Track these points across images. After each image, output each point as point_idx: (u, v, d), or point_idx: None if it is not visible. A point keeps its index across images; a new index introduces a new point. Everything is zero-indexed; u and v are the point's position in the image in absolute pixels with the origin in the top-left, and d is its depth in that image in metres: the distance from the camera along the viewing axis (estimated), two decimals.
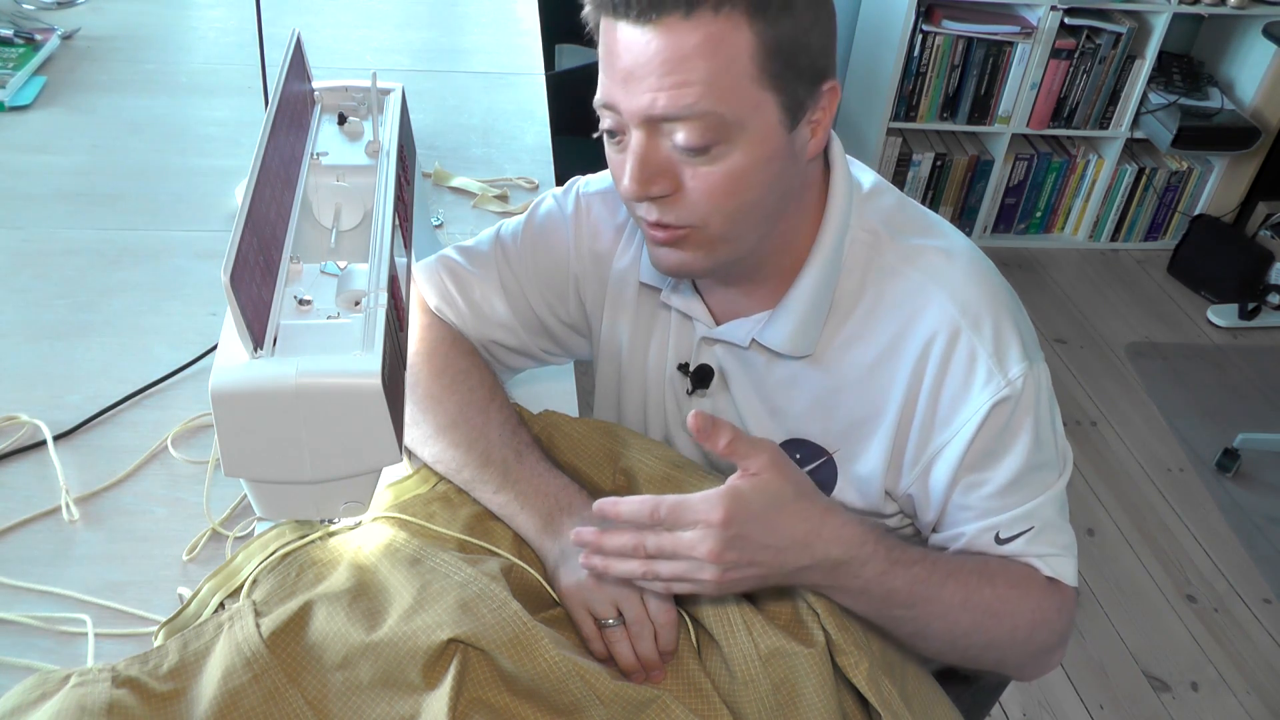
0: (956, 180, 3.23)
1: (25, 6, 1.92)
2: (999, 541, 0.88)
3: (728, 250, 0.85)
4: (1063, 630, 0.90)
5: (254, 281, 0.66)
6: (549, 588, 0.87)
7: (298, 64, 0.89)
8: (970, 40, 2.99)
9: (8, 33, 1.75)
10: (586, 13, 0.80)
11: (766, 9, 0.75)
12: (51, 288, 1.25)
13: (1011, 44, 2.99)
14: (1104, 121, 3.17)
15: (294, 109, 0.86)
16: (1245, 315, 3.06)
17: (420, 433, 0.96)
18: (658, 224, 0.84)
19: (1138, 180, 3.28)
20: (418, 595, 0.81)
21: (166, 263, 1.32)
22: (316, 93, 0.96)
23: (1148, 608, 2.18)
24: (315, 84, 0.96)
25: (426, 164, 1.55)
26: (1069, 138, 3.28)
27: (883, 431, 0.90)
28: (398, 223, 0.83)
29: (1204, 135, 3.05)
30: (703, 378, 0.99)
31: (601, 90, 0.81)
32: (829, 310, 0.90)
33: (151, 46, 1.87)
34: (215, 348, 0.83)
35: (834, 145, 0.90)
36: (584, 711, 0.77)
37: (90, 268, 1.29)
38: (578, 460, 0.98)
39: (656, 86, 0.76)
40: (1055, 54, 3.01)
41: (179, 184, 1.48)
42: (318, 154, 0.88)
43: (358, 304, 0.73)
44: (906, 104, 3.09)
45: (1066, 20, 2.95)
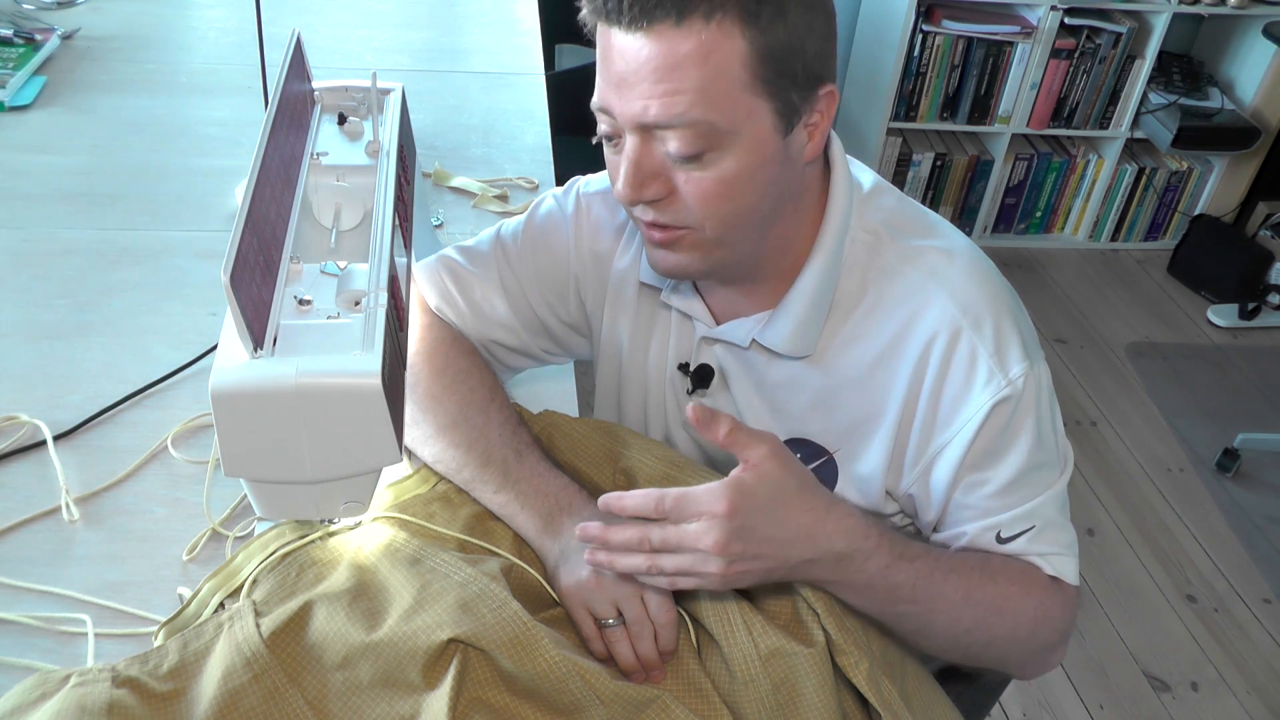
0: (956, 180, 3.23)
1: (25, 6, 1.92)
2: (1000, 541, 0.88)
3: (724, 253, 0.86)
4: (1064, 629, 0.90)
5: (254, 281, 0.66)
6: (549, 588, 0.87)
7: (298, 64, 0.89)
8: (970, 40, 2.99)
9: (8, 33, 1.75)
10: (583, 16, 0.80)
11: (759, 16, 0.75)
12: (51, 288, 1.25)
13: (1011, 44, 2.99)
14: (1104, 121, 3.17)
15: (294, 109, 0.86)
16: (1245, 315, 3.06)
17: (420, 433, 0.96)
18: (654, 225, 0.84)
19: (1138, 180, 3.28)
20: (418, 595, 0.81)
21: (166, 263, 1.32)
22: (316, 93, 0.96)
23: (1148, 608, 2.18)
24: (315, 84, 0.96)
25: (426, 164, 1.55)
26: (1069, 138, 3.28)
27: (883, 431, 0.90)
28: (398, 223, 0.83)
29: (1204, 135, 3.05)
30: (703, 377, 0.99)
31: (597, 94, 0.81)
32: (829, 310, 0.90)
33: (151, 46, 1.87)
34: (215, 348, 0.83)
35: (834, 146, 0.90)
36: (584, 711, 0.77)
37: (90, 268, 1.29)
38: (578, 460, 0.98)
39: (649, 94, 0.76)
40: (1055, 54, 3.01)
41: (179, 184, 1.48)
42: (318, 154, 0.88)
43: (358, 304, 0.73)
44: (906, 104, 3.09)
45: (1066, 20, 2.95)
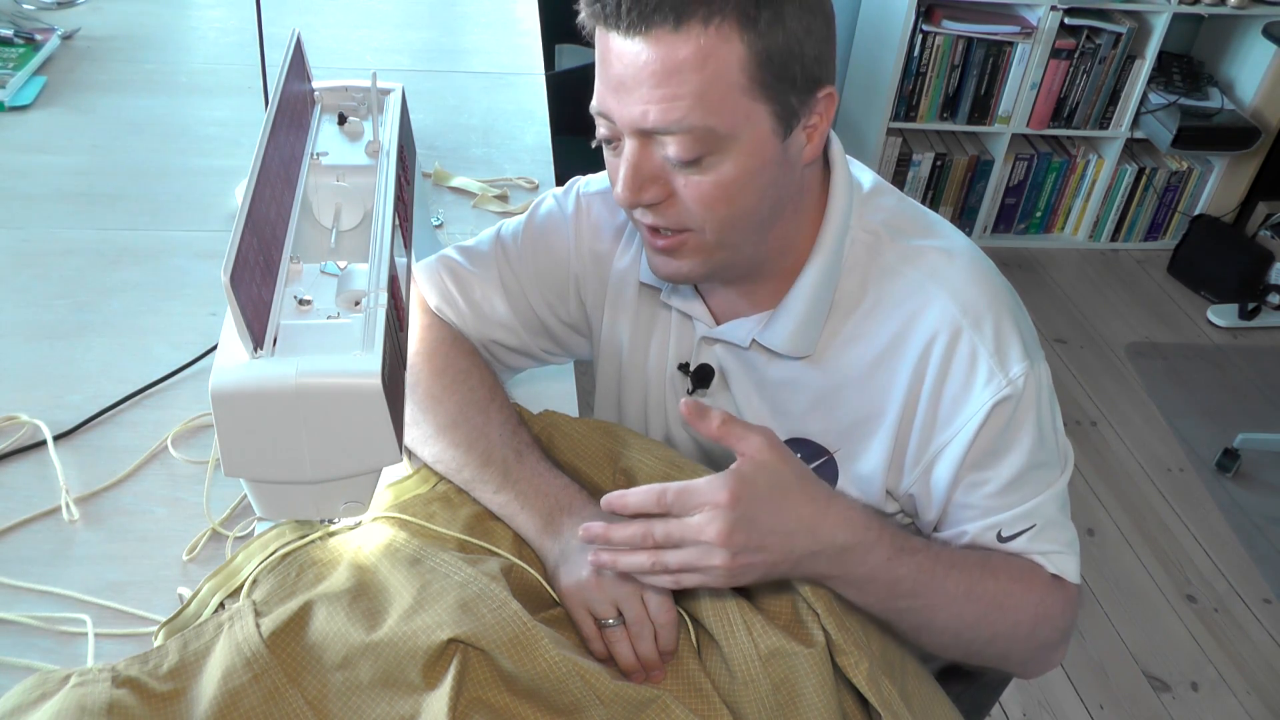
0: (956, 180, 3.22)
1: (25, 6, 1.92)
2: (1001, 540, 0.88)
3: (724, 256, 0.86)
4: (1065, 627, 0.90)
5: (254, 281, 0.66)
6: (549, 588, 0.87)
7: (298, 64, 0.89)
8: (970, 40, 2.99)
9: (8, 33, 1.75)
10: (581, 19, 0.80)
11: (757, 20, 0.75)
12: (51, 288, 1.25)
13: (1011, 44, 2.99)
14: (1104, 121, 3.17)
15: (294, 109, 0.86)
16: (1245, 315, 3.06)
17: (420, 433, 0.96)
18: (655, 231, 0.85)
19: (1138, 180, 3.28)
20: (418, 595, 0.81)
21: (166, 263, 1.32)
22: (316, 93, 0.96)
23: (1148, 608, 2.18)
24: (315, 84, 0.96)
25: (426, 164, 1.55)
26: (1069, 138, 3.28)
27: (884, 431, 0.90)
28: (398, 223, 0.83)
29: (1204, 135, 3.05)
30: (703, 377, 0.99)
31: (596, 97, 0.81)
32: (829, 310, 0.90)
33: (151, 46, 1.87)
34: (215, 348, 0.83)
35: (834, 146, 0.90)
36: (584, 711, 0.77)
37: (90, 268, 1.29)
38: (578, 460, 0.98)
39: (647, 99, 0.76)
40: (1055, 54, 3.01)
41: (179, 184, 1.48)
42: (318, 154, 0.88)
43: (358, 304, 0.73)
44: (906, 104, 3.09)
45: (1066, 20, 2.95)
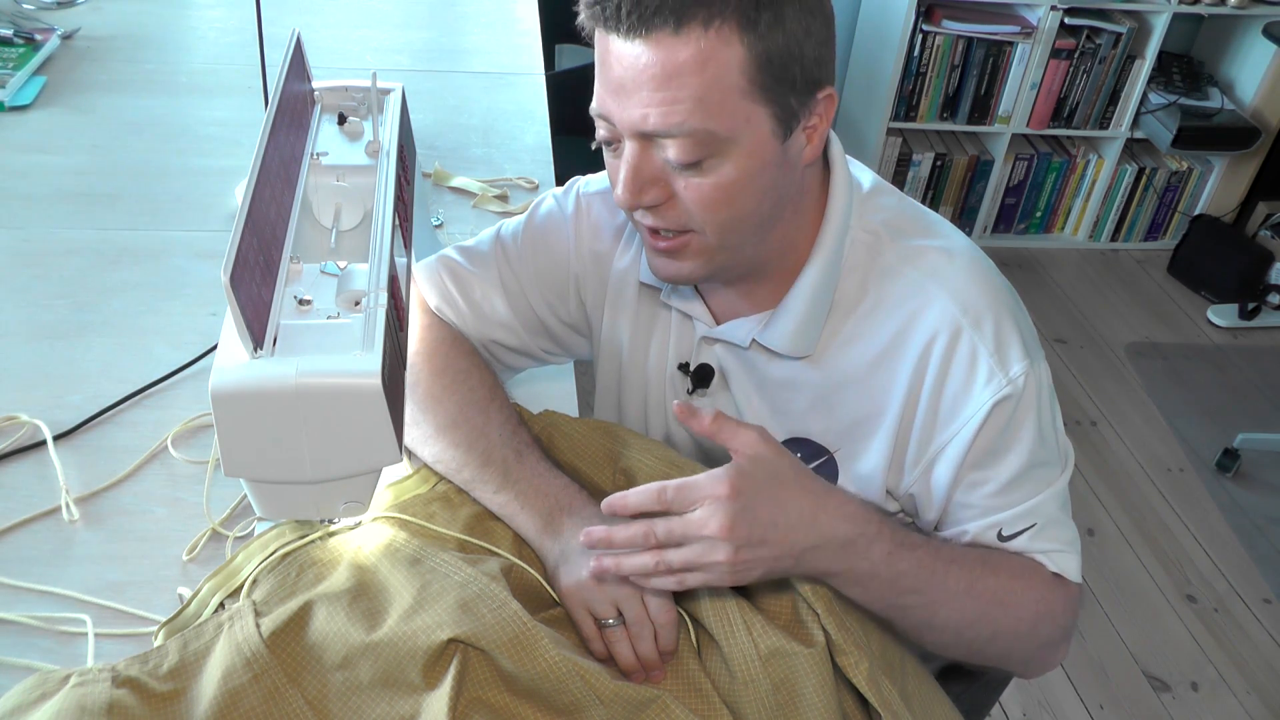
0: (956, 180, 3.22)
1: (25, 6, 1.92)
2: (1002, 539, 0.88)
3: (724, 257, 0.86)
4: (1066, 625, 0.90)
5: (254, 281, 0.66)
6: (549, 588, 0.87)
7: (298, 64, 0.89)
8: (970, 40, 2.99)
9: (8, 33, 1.75)
10: (581, 20, 0.80)
11: (757, 23, 0.75)
12: (51, 288, 1.25)
13: (1011, 44, 2.99)
14: (1104, 121, 3.17)
15: (294, 109, 0.86)
16: (1245, 315, 3.06)
17: (420, 433, 0.96)
18: (655, 232, 0.85)
19: (1138, 180, 3.28)
20: (418, 595, 0.81)
21: (166, 263, 1.32)
22: (316, 93, 0.96)
23: (1148, 608, 2.18)
24: (315, 84, 0.96)
25: (426, 164, 1.55)
26: (1069, 138, 3.28)
27: (884, 431, 0.90)
28: (398, 223, 0.83)
29: (1204, 135, 3.05)
30: (703, 377, 0.99)
31: (596, 99, 0.81)
32: (829, 310, 0.90)
33: (151, 46, 1.87)
34: (215, 348, 0.83)
35: (834, 147, 0.90)
36: (584, 711, 0.77)
37: (90, 268, 1.29)
38: (578, 460, 0.98)
39: (648, 102, 0.76)
40: (1055, 54, 3.01)
41: (179, 184, 1.48)
42: (318, 154, 0.88)
43: (358, 304, 0.73)
44: (906, 104, 3.09)
45: (1066, 20, 2.95)
